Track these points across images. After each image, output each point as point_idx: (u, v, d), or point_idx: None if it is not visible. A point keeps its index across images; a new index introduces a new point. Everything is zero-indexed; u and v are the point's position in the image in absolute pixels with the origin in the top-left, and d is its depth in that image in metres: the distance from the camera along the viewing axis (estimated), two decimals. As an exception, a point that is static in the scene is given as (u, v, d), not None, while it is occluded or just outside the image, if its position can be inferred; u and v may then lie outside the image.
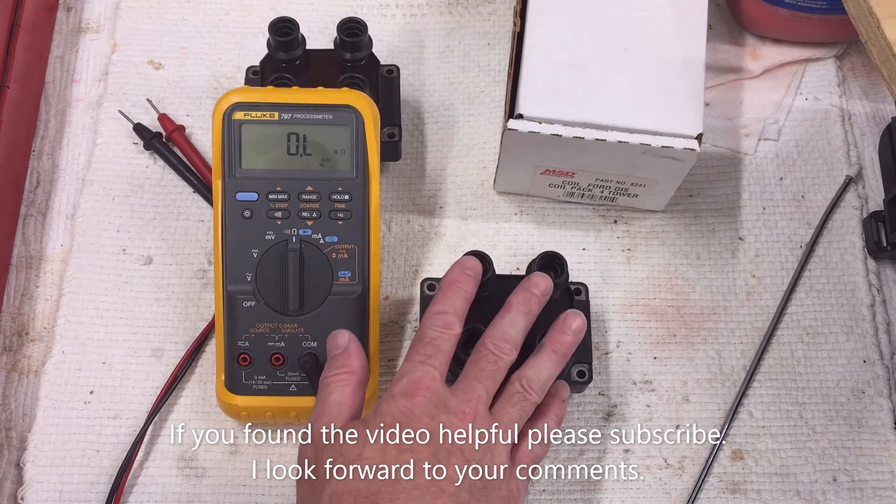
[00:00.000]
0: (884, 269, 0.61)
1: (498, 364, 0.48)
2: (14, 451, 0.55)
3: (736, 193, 0.63)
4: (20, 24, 0.62)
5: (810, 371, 0.58)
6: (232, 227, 0.52)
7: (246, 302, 0.52)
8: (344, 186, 0.53)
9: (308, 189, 0.53)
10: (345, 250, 0.53)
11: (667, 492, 0.55)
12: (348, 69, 0.59)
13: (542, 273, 0.51)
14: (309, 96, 0.53)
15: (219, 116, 0.53)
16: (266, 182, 0.53)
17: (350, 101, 0.53)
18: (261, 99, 0.53)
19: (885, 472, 0.55)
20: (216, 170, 0.53)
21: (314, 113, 0.53)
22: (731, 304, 0.60)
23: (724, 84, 0.66)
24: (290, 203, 0.53)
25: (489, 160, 0.63)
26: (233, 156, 0.53)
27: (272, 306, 0.52)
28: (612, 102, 0.53)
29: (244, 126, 0.52)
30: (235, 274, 0.52)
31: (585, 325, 0.51)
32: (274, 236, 0.52)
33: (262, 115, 0.53)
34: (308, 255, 0.52)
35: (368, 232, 0.53)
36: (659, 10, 0.56)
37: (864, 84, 0.66)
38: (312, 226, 0.53)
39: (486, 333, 0.49)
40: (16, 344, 0.58)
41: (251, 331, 0.52)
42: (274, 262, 0.52)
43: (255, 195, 0.53)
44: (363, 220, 0.53)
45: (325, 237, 0.53)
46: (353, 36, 0.58)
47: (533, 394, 0.48)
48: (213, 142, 0.53)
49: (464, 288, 0.50)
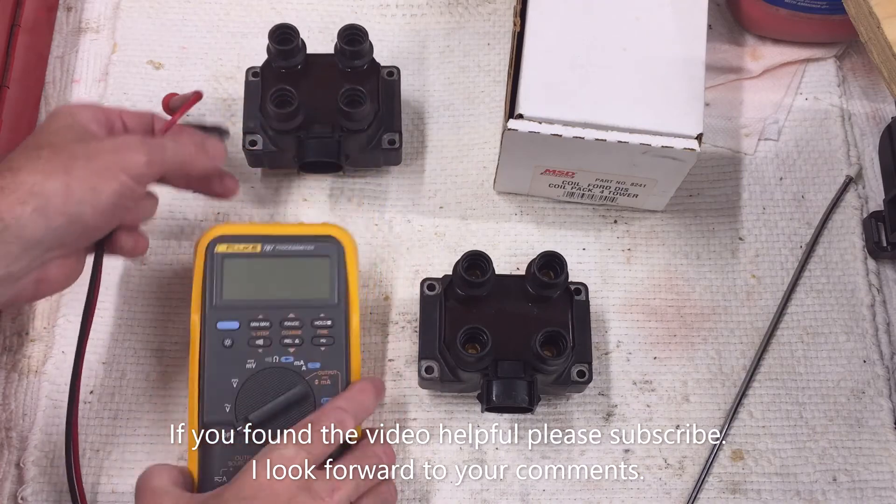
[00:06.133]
0: (884, 269, 0.61)
1: (378, 470, 0.48)
2: (14, 451, 0.55)
3: (736, 193, 0.63)
4: (20, 24, 0.62)
5: (810, 371, 0.58)
6: (211, 357, 0.51)
7: (224, 432, 0.50)
8: (326, 312, 0.52)
9: (290, 316, 0.52)
10: (327, 376, 0.51)
11: (667, 492, 0.55)
12: (348, 75, 0.59)
13: None
14: (291, 229, 0.54)
15: (202, 250, 0.53)
16: (247, 311, 0.52)
17: (330, 233, 0.54)
18: (243, 232, 0.53)
19: (885, 472, 0.55)
20: (195, 303, 0.52)
21: (296, 244, 0.53)
22: (731, 304, 0.60)
23: (724, 84, 0.66)
24: (271, 331, 0.52)
25: (489, 160, 0.63)
26: (214, 287, 0.52)
27: (252, 437, 0.50)
28: (612, 102, 0.53)
29: (226, 259, 0.53)
30: (213, 405, 0.50)
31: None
32: (255, 364, 0.51)
33: (245, 247, 0.53)
34: (290, 382, 0.51)
35: (349, 357, 0.52)
36: (659, 10, 0.56)
37: (864, 84, 0.66)
38: (295, 353, 0.52)
39: (371, 443, 0.49)
40: (16, 344, 0.58)
41: (229, 464, 0.49)
42: (254, 390, 0.51)
43: (237, 323, 0.52)
44: (345, 345, 0.52)
45: (307, 364, 0.51)
46: (353, 44, 0.58)
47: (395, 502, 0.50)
48: (194, 275, 0.53)
49: (371, 400, 0.50)
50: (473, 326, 0.51)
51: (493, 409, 0.53)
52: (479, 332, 0.51)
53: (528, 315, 0.54)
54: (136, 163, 0.47)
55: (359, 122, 0.57)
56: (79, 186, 0.45)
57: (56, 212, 0.44)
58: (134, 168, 0.47)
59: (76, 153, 0.46)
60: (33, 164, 0.45)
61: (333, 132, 0.58)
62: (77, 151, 0.46)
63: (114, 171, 0.46)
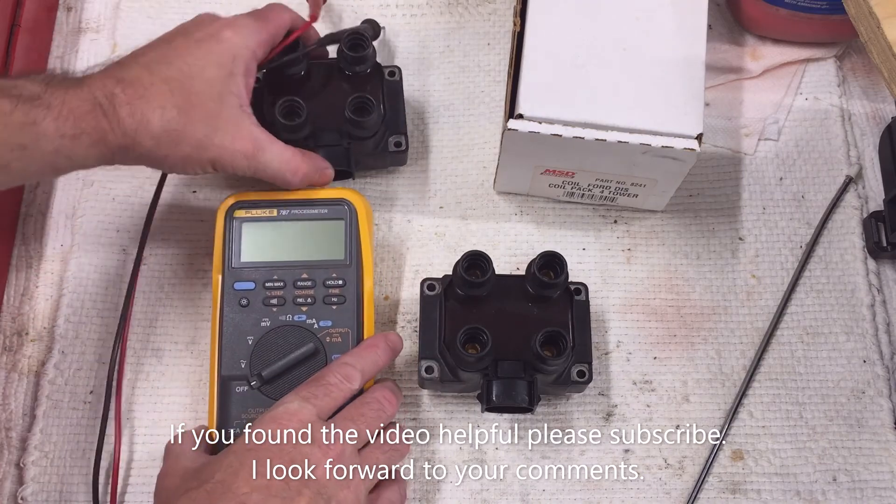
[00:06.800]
0: (884, 269, 0.61)
1: (380, 415, 0.49)
2: (14, 451, 0.55)
3: (736, 193, 0.63)
4: (20, 24, 0.62)
5: (810, 371, 0.58)
6: (229, 316, 0.54)
7: (239, 387, 0.53)
8: (338, 272, 0.55)
9: (303, 276, 0.54)
10: (339, 334, 0.54)
11: (667, 492, 0.55)
12: (351, 79, 0.59)
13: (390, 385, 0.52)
14: (306, 194, 0.56)
15: (221, 215, 0.55)
16: (263, 272, 0.55)
17: (344, 196, 0.56)
18: (261, 198, 0.56)
19: (885, 472, 0.55)
20: (216, 264, 0.55)
21: (310, 208, 0.56)
22: (731, 304, 0.60)
23: (724, 84, 0.66)
24: (285, 290, 0.54)
25: (489, 160, 0.63)
26: (232, 250, 0.55)
27: (265, 392, 0.52)
28: (612, 102, 0.53)
29: (244, 223, 0.55)
30: (230, 360, 0.53)
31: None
32: (269, 323, 0.54)
33: (262, 212, 0.56)
34: (302, 340, 0.53)
35: (362, 316, 0.54)
36: (659, 10, 0.56)
37: (864, 84, 0.66)
38: (307, 311, 0.54)
39: (373, 387, 0.51)
40: (16, 344, 0.58)
41: (243, 416, 0.52)
42: (268, 348, 0.53)
43: (253, 284, 0.54)
44: (356, 304, 0.54)
45: (319, 322, 0.54)
46: (356, 50, 0.58)
47: (406, 447, 0.51)
48: (215, 238, 0.55)
49: (380, 355, 0.51)
50: (473, 326, 0.51)
51: (493, 409, 0.53)
52: (479, 332, 0.51)
53: (528, 315, 0.54)
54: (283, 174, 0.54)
55: (367, 130, 0.57)
56: (226, 164, 0.52)
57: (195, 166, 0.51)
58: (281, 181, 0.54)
59: (244, 150, 0.52)
60: (198, 126, 0.50)
61: (342, 140, 0.58)
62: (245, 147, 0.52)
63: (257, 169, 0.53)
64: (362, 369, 0.50)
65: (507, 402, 0.52)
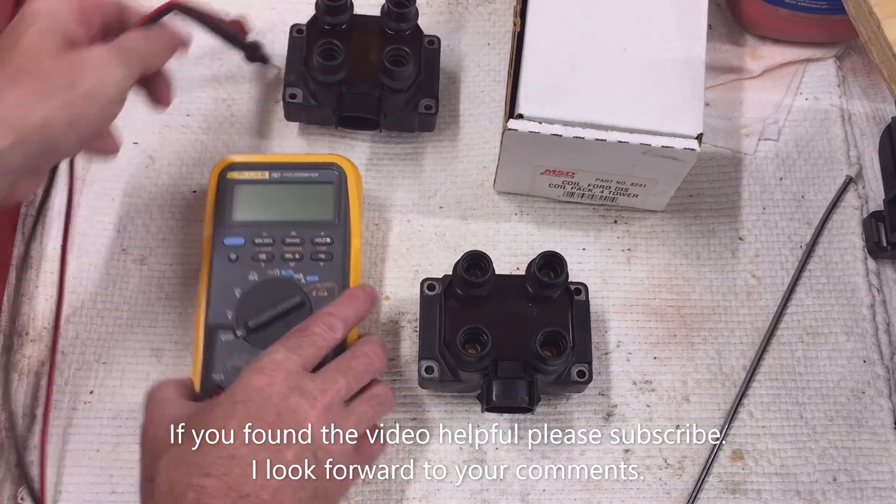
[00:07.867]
0: (884, 269, 0.61)
1: (368, 368, 0.50)
2: (14, 451, 0.55)
3: (736, 193, 0.63)
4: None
5: (810, 371, 0.58)
6: (218, 269, 0.55)
7: (224, 335, 0.54)
8: (326, 231, 0.56)
9: (292, 234, 0.56)
10: (325, 288, 0.55)
11: (667, 492, 0.55)
12: (392, 38, 0.60)
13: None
14: (297, 158, 0.59)
15: (214, 176, 0.57)
16: (253, 229, 0.56)
17: (334, 160, 0.58)
18: (253, 160, 0.58)
19: (885, 472, 0.55)
20: (208, 221, 0.56)
21: (301, 171, 0.57)
22: (731, 304, 0.60)
23: (724, 84, 0.66)
24: (274, 247, 0.55)
25: (489, 160, 0.63)
26: (224, 209, 0.56)
27: (251, 341, 0.53)
28: (612, 102, 0.53)
29: (237, 184, 0.57)
30: (217, 310, 0.54)
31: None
32: (257, 276, 0.55)
33: (254, 174, 0.57)
34: (288, 293, 0.54)
35: (348, 274, 0.55)
36: (659, 10, 0.56)
37: (864, 84, 0.66)
38: (294, 266, 0.55)
39: (360, 341, 0.52)
40: (16, 344, 0.58)
41: (228, 364, 0.53)
42: (255, 300, 0.54)
43: (242, 240, 0.56)
44: (343, 261, 0.55)
45: (306, 276, 0.55)
46: (400, 6, 0.59)
47: (390, 401, 0.51)
48: (207, 198, 0.56)
49: (360, 305, 0.52)
50: (473, 326, 0.51)
51: (493, 409, 0.53)
52: (479, 332, 0.51)
53: (528, 315, 0.54)
54: (115, 81, 0.46)
55: (401, 82, 0.58)
56: (59, 120, 0.44)
57: (35, 143, 0.44)
58: (113, 89, 0.46)
59: (56, 81, 0.45)
60: (12, 95, 0.44)
61: (374, 90, 0.59)
62: (57, 78, 0.45)
63: (94, 98, 0.46)
64: (344, 319, 0.51)
65: (507, 402, 0.52)
